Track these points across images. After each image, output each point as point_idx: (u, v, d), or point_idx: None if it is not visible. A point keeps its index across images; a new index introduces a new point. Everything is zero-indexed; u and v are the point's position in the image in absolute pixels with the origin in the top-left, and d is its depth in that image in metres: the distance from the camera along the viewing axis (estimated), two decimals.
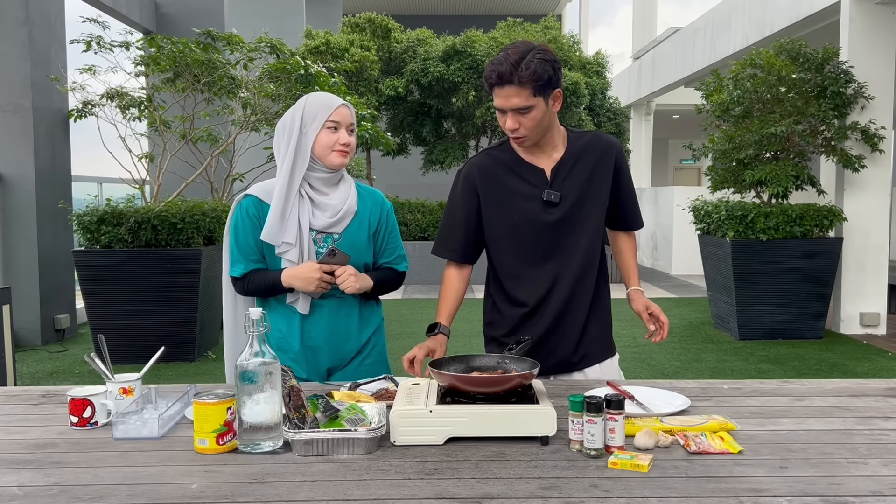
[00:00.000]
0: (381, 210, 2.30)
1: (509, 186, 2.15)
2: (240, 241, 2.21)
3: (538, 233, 2.14)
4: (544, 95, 2.01)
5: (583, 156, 2.16)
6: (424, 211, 11.50)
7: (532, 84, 1.97)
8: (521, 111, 2.01)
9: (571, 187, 2.14)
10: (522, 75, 1.96)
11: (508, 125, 2.05)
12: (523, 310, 2.19)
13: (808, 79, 6.99)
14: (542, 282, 2.17)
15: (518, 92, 1.98)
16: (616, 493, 1.34)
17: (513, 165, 2.16)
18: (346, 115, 2.17)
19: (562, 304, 2.16)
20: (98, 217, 5.84)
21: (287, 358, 2.22)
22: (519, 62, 1.96)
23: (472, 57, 11.16)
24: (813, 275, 6.82)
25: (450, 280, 2.27)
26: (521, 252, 2.17)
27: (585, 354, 2.22)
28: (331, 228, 2.19)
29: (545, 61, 1.99)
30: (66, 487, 1.39)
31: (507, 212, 2.16)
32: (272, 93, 6.77)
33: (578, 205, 2.14)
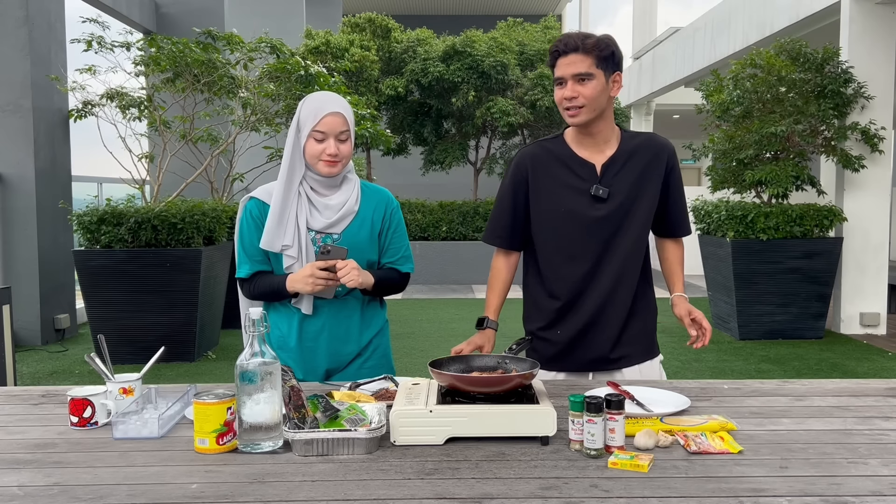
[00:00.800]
0: (385, 209, 2.27)
1: (559, 178, 2.18)
2: (244, 243, 2.21)
3: (583, 227, 2.16)
4: (605, 70, 2.07)
5: (634, 155, 2.17)
6: (424, 211, 11.50)
7: (595, 53, 2.05)
8: (582, 78, 2.06)
9: (621, 185, 2.15)
10: (587, 44, 2.06)
11: (565, 94, 2.08)
12: (560, 303, 2.20)
13: (808, 79, 6.99)
14: (581, 277, 2.18)
15: (581, 59, 2.05)
16: (616, 493, 1.34)
17: (564, 158, 2.19)
18: (335, 123, 2.10)
19: (600, 301, 2.17)
20: (98, 217, 5.84)
21: (286, 358, 2.22)
22: (587, 36, 2.08)
23: (472, 57, 11.16)
24: (813, 275, 6.82)
25: (497, 270, 2.33)
26: (564, 245, 2.19)
27: (624, 355, 2.21)
28: (329, 229, 2.17)
29: (610, 40, 2.10)
30: (66, 487, 1.39)
31: (554, 203, 2.18)
32: (272, 93, 6.77)
33: (626, 203, 2.15)
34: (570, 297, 2.19)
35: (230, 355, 6.26)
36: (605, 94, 2.09)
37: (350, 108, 2.18)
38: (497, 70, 11.17)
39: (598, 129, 2.15)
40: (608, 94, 2.10)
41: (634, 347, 2.23)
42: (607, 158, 2.16)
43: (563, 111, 2.12)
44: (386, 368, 2.32)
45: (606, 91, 2.09)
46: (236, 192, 8.03)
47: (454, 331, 7.55)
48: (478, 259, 11.21)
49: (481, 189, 13.17)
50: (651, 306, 2.27)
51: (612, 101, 2.14)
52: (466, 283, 11.24)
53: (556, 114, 11.47)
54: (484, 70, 11.14)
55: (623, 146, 2.18)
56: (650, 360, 2.26)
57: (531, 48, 12.04)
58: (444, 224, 11.43)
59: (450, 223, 11.45)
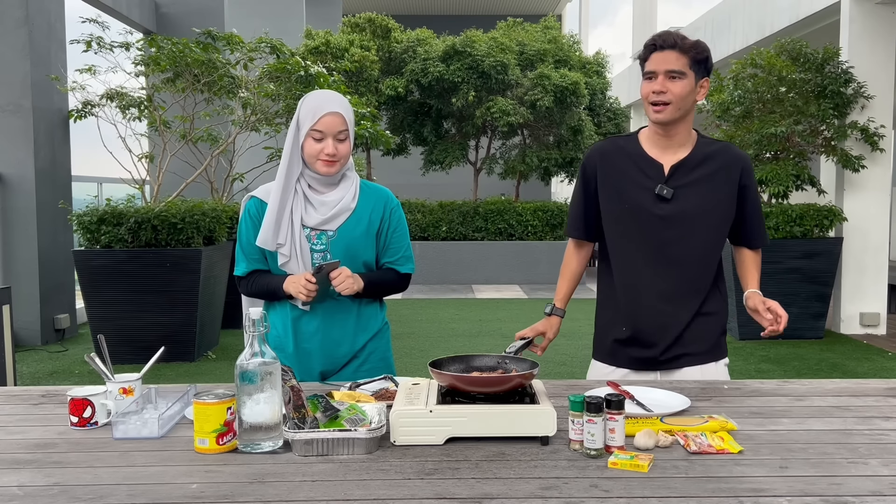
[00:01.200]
0: (384, 207, 2.25)
1: (626, 174, 2.20)
2: (242, 241, 2.22)
3: (645, 225, 2.17)
4: (696, 73, 2.10)
5: (707, 161, 2.17)
6: (424, 211, 11.50)
7: (692, 54, 2.09)
8: (674, 75, 2.09)
9: (688, 188, 2.16)
10: (686, 44, 2.09)
11: (654, 87, 2.10)
12: (623, 298, 2.23)
13: (808, 79, 6.99)
14: (642, 274, 2.19)
15: (677, 57, 2.08)
16: (616, 493, 1.34)
17: (634, 156, 2.21)
18: (334, 123, 2.09)
19: (661, 300, 2.18)
20: (98, 217, 5.84)
21: (282, 358, 2.21)
22: (683, 37, 2.11)
23: (472, 57, 11.16)
24: (813, 275, 6.82)
25: (567, 261, 2.41)
26: (626, 240, 2.21)
27: (685, 354, 2.21)
28: (324, 226, 2.17)
29: (707, 48, 2.13)
30: (66, 487, 1.39)
31: (618, 198, 2.21)
32: (272, 93, 6.77)
33: (691, 207, 2.15)
34: (632, 293, 2.22)
35: (230, 355, 6.26)
36: (692, 96, 2.12)
37: (350, 108, 2.17)
38: (497, 70, 11.17)
39: (676, 130, 2.16)
40: (694, 97, 2.13)
41: (695, 347, 2.21)
42: (678, 160, 2.17)
43: (647, 106, 2.14)
44: (384, 372, 2.30)
45: (694, 94, 2.12)
46: (236, 192, 8.03)
47: (454, 331, 7.55)
48: (478, 259, 11.22)
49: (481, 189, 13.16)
50: (719, 310, 2.25)
51: (694, 107, 2.16)
52: (466, 283, 11.24)
53: (555, 113, 11.48)
54: (484, 70, 11.14)
55: (696, 151, 2.18)
56: (714, 362, 2.24)
57: (531, 48, 12.04)
58: (444, 224, 11.43)
59: (450, 223, 11.45)
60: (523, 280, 11.21)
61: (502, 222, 11.39)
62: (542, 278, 11.18)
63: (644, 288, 2.19)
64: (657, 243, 2.17)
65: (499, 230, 11.41)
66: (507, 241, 11.32)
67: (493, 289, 10.73)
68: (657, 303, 2.18)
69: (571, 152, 12.17)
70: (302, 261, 2.15)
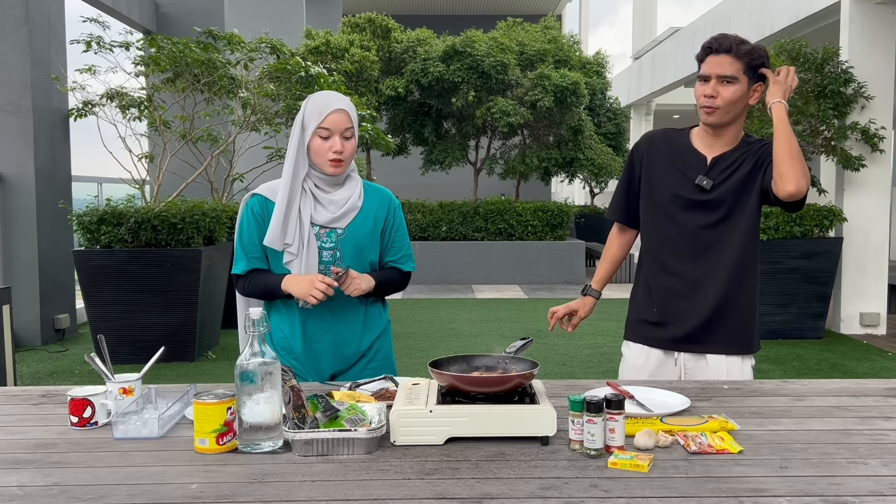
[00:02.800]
0: (388, 207, 2.28)
1: (670, 162, 2.27)
2: (244, 239, 2.21)
3: (683, 214, 2.23)
4: (749, 77, 2.14)
5: (745, 156, 2.22)
6: (424, 211, 11.50)
7: (746, 59, 2.13)
8: (726, 80, 2.13)
9: (727, 181, 2.21)
10: (741, 49, 2.13)
11: (706, 91, 2.15)
12: (654, 281, 2.30)
13: (808, 79, 6.99)
14: (677, 259, 2.26)
15: (731, 62, 2.13)
16: (616, 493, 1.34)
17: (680, 147, 2.28)
18: (340, 121, 2.11)
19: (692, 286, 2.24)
20: (98, 217, 5.84)
21: (290, 360, 2.22)
22: (743, 41, 2.14)
23: (472, 57, 11.16)
24: (813, 275, 6.82)
25: (609, 245, 2.48)
26: (664, 227, 2.27)
27: (710, 340, 2.25)
28: (334, 224, 2.18)
29: (764, 53, 2.16)
30: (66, 487, 1.39)
31: (660, 185, 2.27)
32: (272, 93, 6.77)
33: (730, 200, 2.21)
34: (665, 276, 2.28)
35: (230, 355, 6.26)
36: (743, 101, 2.16)
37: (354, 107, 2.19)
38: (497, 70, 11.17)
39: (724, 131, 2.22)
40: (745, 102, 2.17)
41: (721, 336, 2.25)
42: (719, 154, 2.23)
43: (699, 107, 2.19)
44: (388, 370, 2.32)
45: (744, 99, 2.16)
46: (236, 192, 8.03)
47: (454, 331, 7.55)
48: (478, 259, 11.22)
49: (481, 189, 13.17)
50: (750, 305, 2.27)
51: (745, 109, 2.20)
52: (466, 283, 11.24)
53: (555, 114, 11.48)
54: (484, 70, 11.14)
55: (738, 148, 2.23)
56: (739, 356, 2.26)
57: (531, 48, 12.04)
58: (444, 224, 11.43)
59: (450, 223, 11.45)
60: (523, 280, 11.21)
61: (502, 222, 11.39)
62: (542, 278, 11.18)
63: (677, 272, 2.26)
64: (693, 231, 2.23)
65: (499, 230, 11.41)
66: (507, 241, 11.32)
67: (493, 289, 10.72)
68: (686, 287, 2.25)
69: (571, 152, 12.17)
70: (308, 259, 2.15)
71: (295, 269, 2.16)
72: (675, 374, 2.30)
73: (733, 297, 2.24)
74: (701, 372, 2.27)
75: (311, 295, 2.07)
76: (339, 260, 2.19)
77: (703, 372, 2.26)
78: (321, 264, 2.18)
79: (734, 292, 2.24)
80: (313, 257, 2.16)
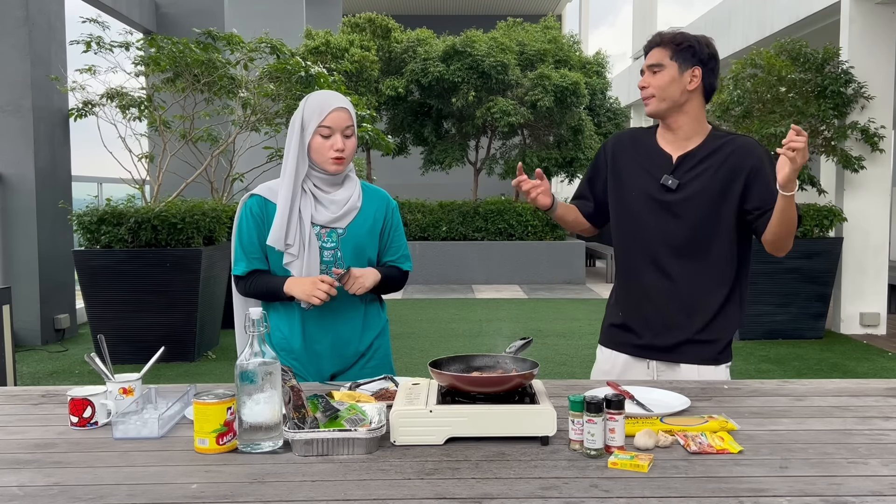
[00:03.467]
0: (386, 208, 2.29)
1: (636, 162, 2.24)
2: (243, 239, 2.21)
3: (651, 214, 2.19)
4: (680, 63, 2.11)
5: (714, 154, 2.17)
6: (424, 211, 11.50)
7: (671, 46, 2.11)
8: (653, 68, 2.13)
9: (695, 180, 2.16)
10: (666, 36, 2.13)
11: (640, 83, 2.17)
12: (624, 286, 2.28)
13: (808, 79, 6.99)
14: (645, 262, 2.21)
15: (657, 51, 2.14)
16: (616, 493, 1.34)
17: (647, 147, 2.25)
18: (341, 118, 2.11)
19: (661, 290, 2.19)
20: (98, 217, 5.84)
21: (290, 360, 2.22)
22: (673, 34, 2.14)
23: (472, 57, 11.16)
24: (813, 275, 6.82)
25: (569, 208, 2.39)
26: (632, 228, 2.24)
27: (682, 351, 2.19)
28: (335, 223, 2.18)
29: (694, 37, 2.13)
30: (66, 487, 1.39)
31: (626, 185, 2.25)
32: (272, 93, 6.77)
33: (697, 199, 2.15)
34: (633, 280, 2.25)
35: (230, 355, 6.26)
36: (676, 86, 2.12)
37: (352, 106, 2.20)
38: (497, 70, 11.17)
39: (676, 123, 2.18)
40: (682, 87, 2.13)
41: (693, 348, 2.19)
42: (685, 152, 2.19)
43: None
44: (386, 369, 2.33)
45: (680, 83, 2.12)
46: (236, 192, 8.03)
47: (454, 331, 7.55)
48: (478, 259, 11.22)
49: (481, 189, 13.16)
50: (729, 316, 2.20)
51: (693, 96, 2.15)
52: (466, 283, 11.24)
53: (556, 114, 11.48)
54: (484, 70, 11.13)
55: (706, 144, 2.19)
56: (713, 365, 2.21)
57: (531, 48, 12.04)
58: (444, 224, 11.43)
59: (450, 223, 11.45)
60: (523, 280, 11.21)
61: (502, 222, 11.38)
62: (542, 278, 11.18)
63: (645, 276, 2.21)
64: (660, 233, 2.18)
65: (499, 230, 11.41)
66: (507, 241, 11.32)
67: (493, 289, 10.72)
68: (655, 292, 2.19)
69: (571, 152, 12.17)
70: (309, 260, 2.15)
71: (295, 269, 2.16)
72: (647, 377, 2.25)
73: (705, 305, 2.17)
74: (674, 376, 2.21)
75: (314, 296, 2.07)
76: (340, 260, 2.19)
77: (676, 375, 2.21)
78: (322, 264, 2.18)
79: (707, 300, 2.17)
80: (314, 258, 2.16)
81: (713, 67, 2.15)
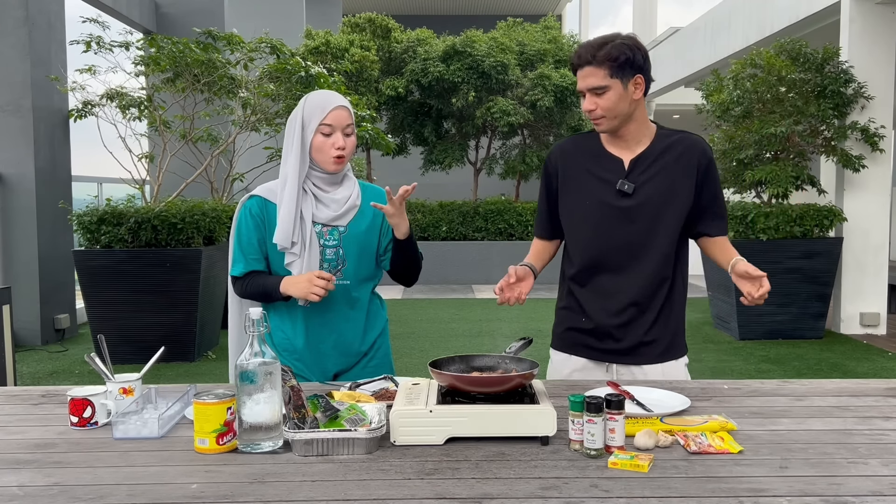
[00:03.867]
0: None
1: (587, 171, 2.19)
2: (242, 240, 2.21)
3: (609, 221, 2.16)
4: (622, 78, 2.05)
5: (665, 153, 2.15)
6: (424, 211, 11.50)
7: (608, 64, 2.04)
8: (597, 91, 2.07)
9: (648, 182, 2.14)
10: (599, 55, 2.04)
11: (585, 106, 2.11)
12: (583, 292, 2.23)
13: (808, 79, 6.99)
14: (605, 269, 2.19)
15: (594, 72, 2.06)
16: (616, 493, 1.34)
17: (594, 152, 2.20)
18: (342, 117, 2.13)
19: (623, 295, 2.17)
20: (98, 217, 5.85)
21: (293, 360, 2.22)
22: (601, 45, 2.05)
23: (472, 57, 11.16)
24: (813, 275, 6.82)
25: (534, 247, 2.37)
26: (588, 236, 2.19)
27: (643, 352, 2.20)
28: (335, 221, 2.19)
29: (625, 45, 2.06)
30: (66, 487, 1.39)
31: (580, 195, 2.20)
32: (272, 93, 6.77)
33: (653, 200, 2.13)
34: (587, 284, 2.22)
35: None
36: (624, 101, 2.07)
37: (351, 105, 2.21)
38: (497, 70, 11.17)
39: (626, 131, 2.14)
40: (629, 99, 2.08)
41: (660, 347, 2.21)
42: (636, 155, 2.16)
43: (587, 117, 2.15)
44: (387, 368, 2.33)
45: (626, 97, 2.07)
46: (236, 192, 8.03)
47: (454, 331, 7.54)
48: (478, 259, 11.21)
49: (481, 189, 13.16)
50: (678, 306, 2.24)
51: (639, 103, 2.11)
52: (466, 283, 11.24)
53: (556, 113, 11.48)
54: (484, 70, 11.13)
55: (655, 144, 2.16)
56: (673, 360, 2.23)
57: (531, 48, 12.04)
58: (444, 224, 11.43)
59: (450, 223, 11.45)
60: None
61: (502, 222, 11.38)
62: (541, 278, 11.03)
63: (605, 281, 2.19)
64: (619, 237, 2.16)
65: (499, 230, 11.41)
66: (507, 241, 11.32)
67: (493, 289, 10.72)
68: (617, 297, 2.18)
69: None
70: (310, 259, 2.16)
71: (296, 269, 2.16)
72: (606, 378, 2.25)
73: (665, 308, 2.19)
74: (634, 377, 2.21)
75: (311, 293, 2.07)
76: (342, 257, 2.20)
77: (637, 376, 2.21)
78: (325, 262, 2.18)
79: (665, 301, 2.19)
80: (315, 258, 2.16)
81: (648, 67, 2.11)
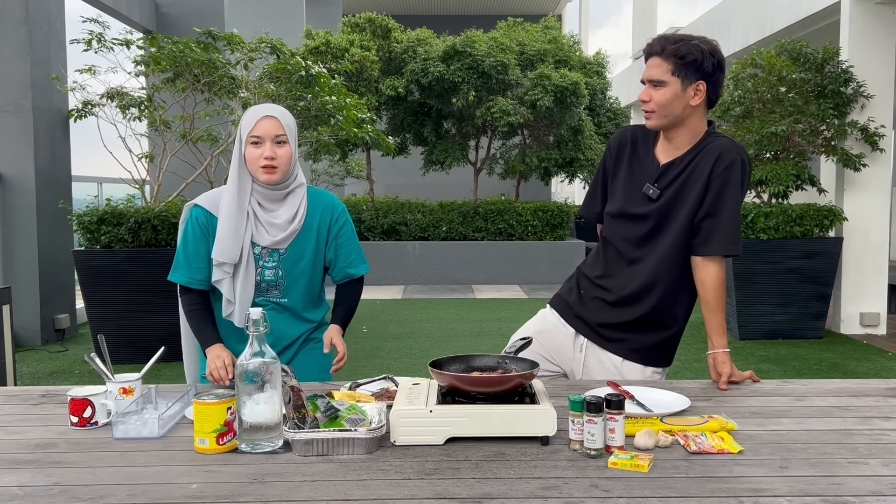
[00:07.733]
0: (331, 215, 2.27)
1: (630, 165, 2.19)
2: (188, 248, 2.21)
3: (627, 224, 2.17)
4: (682, 78, 2.02)
5: (694, 158, 2.11)
6: (424, 211, 11.49)
7: (674, 60, 2.01)
8: (655, 84, 2.04)
9: (671, 188, 2.12)
10: (668, 49, 2.01)
11: (641, 96, 2.09)
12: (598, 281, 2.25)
13: (808, 79, 6.99)
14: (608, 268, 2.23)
15: (659, 64, 2.03)
16: (616, 493, 1.34)
17: (642, 149, 2.19)
18: (270, 127, 2.12)
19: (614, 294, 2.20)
20: (98, 217, 5.85)
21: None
22: (676, 40, 2.02)
23: (472, 57, 11.15)
24: (813, 275, 6.82)
25: None
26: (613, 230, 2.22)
27: (632, 349, 2.21)
28: (276, 246, 2.19)
29: (698, 47, 2.01)
30: (66, 487, 1.39)
31: (616, 187, 2.21)
32: (272, 93, 6.76)
33: (669, 207, 2.12)
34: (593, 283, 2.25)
35: None
36: (679, 102, 2.03)
37: (290, 117, 2.18)
38: (497, 70, 11.17)
39: (674, 135, 2.12)
40: (685, 102, 2.04)
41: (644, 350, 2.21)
42: (670, 160, 2.13)
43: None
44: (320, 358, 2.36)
45: (682, 99, 2.03)
46: None
47: (454, 331, 7.54)
48: (478, 259, 11.21)
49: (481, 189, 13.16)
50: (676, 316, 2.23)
51: (696, 110, 2.07)
52: (466, 283, 11.24)
53: (556, 114, 11.48)
54: (484, 70, 11.13)
55: (692, 150, 2.12)
56: (655, 367, 2.24)
57: (531, 48, 12.03)
58: (444, 224, 11.42)
59: (450, 223, 11.44)
60: (523, 280, 11.20)
61: (502, 222, 11.38)
62: (542, 278, 11.18)
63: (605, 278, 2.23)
64: (635, 239, 2.17)
65: (499, 230, 11.40)
66: (507, 241, 11.32)
67: (493, 289, 10.72)
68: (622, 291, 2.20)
69: (571, 152, 12.16)
70: (244, 282, 2.16)
71: (225, 289, 2.16)
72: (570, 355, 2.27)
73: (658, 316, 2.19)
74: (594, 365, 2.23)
75: (209, 375, 2.09)
76: (281, 279, 2.20)
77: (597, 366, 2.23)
78: (264, 283, 2.20)
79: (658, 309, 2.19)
80: (250, 281, 2.16)
81: (718, 79, 2.05)
